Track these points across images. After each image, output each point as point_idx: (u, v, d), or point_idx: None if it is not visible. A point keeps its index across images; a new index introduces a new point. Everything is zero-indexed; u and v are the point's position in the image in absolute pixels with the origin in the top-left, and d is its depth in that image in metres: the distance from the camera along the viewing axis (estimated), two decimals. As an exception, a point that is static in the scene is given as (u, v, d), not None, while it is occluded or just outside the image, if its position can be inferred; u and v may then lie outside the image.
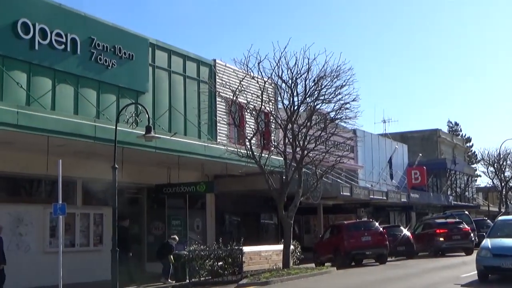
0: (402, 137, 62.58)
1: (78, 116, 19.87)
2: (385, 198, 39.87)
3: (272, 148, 25.62)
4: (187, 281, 20.92)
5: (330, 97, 24.37)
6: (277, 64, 23.31)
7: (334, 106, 24.72)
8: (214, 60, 28.57)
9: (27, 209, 20.47)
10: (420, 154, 57.23)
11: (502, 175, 61.96)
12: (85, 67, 21.80)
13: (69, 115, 19.32)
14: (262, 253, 23.49)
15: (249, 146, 22.79)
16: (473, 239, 32.92)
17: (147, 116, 19.14)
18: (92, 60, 22.05)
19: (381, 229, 29.14)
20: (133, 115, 21.88)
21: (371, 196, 37.63)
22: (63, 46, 20.93)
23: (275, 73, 23.58)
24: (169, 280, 21.07)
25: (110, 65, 22.72)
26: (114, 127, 18.18)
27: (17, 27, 19.45)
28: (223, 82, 24.82)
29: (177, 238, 22.26)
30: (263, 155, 23.39)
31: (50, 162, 17.58)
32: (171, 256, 21.01)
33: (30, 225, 20.46)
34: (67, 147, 18.87)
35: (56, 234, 17.51)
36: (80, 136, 18.23)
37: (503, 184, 62.19)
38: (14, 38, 19.40)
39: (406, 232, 33.28)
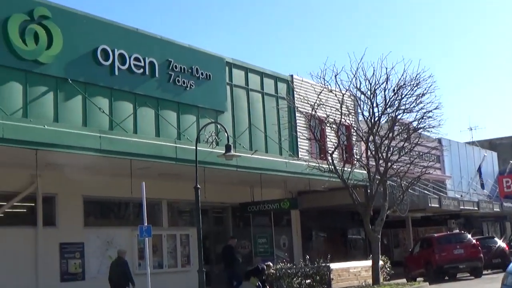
0: (490, 144, 60.40)
1: (159, 138, 20.13)
2: (476, 208, 38.36)
3: (355, 162, 25.12)
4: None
5: (411, 106, 23.60)
6: (354, 76, 22.86)
7: (416, 115, 23.94)
8: (291, 76, 28.43)
9: (115, 232, 20.81)
10: (511, 161, 55.05)
11: None
12: (164, 90, 22.08)
13: (150, 138, 19.58)
14: (350, 270, 22.99)
15: (330, 161, 22.41)
16: None
17: (226, 135, 19.17)
18: (171, 82, 22.33)
19: (474, 241, 28.04)
20: (212, 134, 21.93)
21: (462, 207, 36.30)
22: (141, 70, 21.28)
23: (353, 84, 23.14)
24: None
25: (189, 86, 22.94)
26: (195, 148, 18.23)
27: (97, 54, 19.89)
28: (301, 96, 24.61)
29: (271, 265, 21.72)
30: (345, 169, 22.92)
31: (134, 184, 17.76)
32: (254, 278, 20.87)
33: (120, 248, 20.74)
34: (150, 170, 19.06)
35: (144, 256, 17.61)
36: (161, 158, 18.40)
37: None
38: (94, 64, 19.84)
39: (501, 243, 31.82)
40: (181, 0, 72.86)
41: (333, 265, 21.48)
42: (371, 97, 23.40)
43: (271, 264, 21.77)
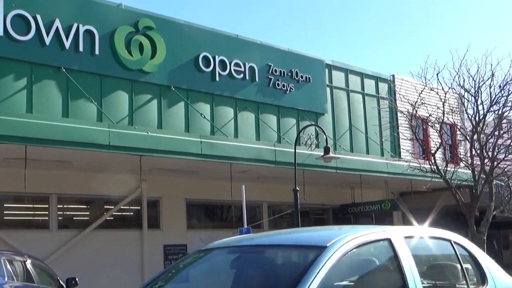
0: None
1: (259, 142, 20.25)
2: None
3: (459, 161, 24.26)
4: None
5: (519, 102, 22.53)
6: (457, 73, 22.05)
7: (525, 111, 22.81)
8: (392, 76, 27.81)
9: (217, 234, 20.98)
10: None
11: None
12: (264, 94, 22.23)
13: (250, 141, 19.74)
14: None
15: (433, 161, 21.76)
16: None
17: (325, 137, 19.02)
18: (271, 86, 22.43)
19: None
20: (311, 137, 21.83)
21: None
22: (242, 75, 21.52)
23: (456, 82, 22.33)
24: None
25: (288, 89, 22.98)
26: (294, 150, 18.22)
27: (199, 61, 20.31)
28: (401, 96, 24.05)
29: None
30: (449, 169, 22.18)
31: (234, 187, 18.00)
32: None
33: (219, 250, 21.16)
34: (250, 173, 19.24)
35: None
36: (261, 161, 18.51)
37: None
38: (196, 72, 20.25)
39: None
40: (277, 4, 73.02)
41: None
42: (476, 94, 22.45)
43: None
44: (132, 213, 19.39)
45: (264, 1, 73.59)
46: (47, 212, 17.66)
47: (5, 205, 17.12)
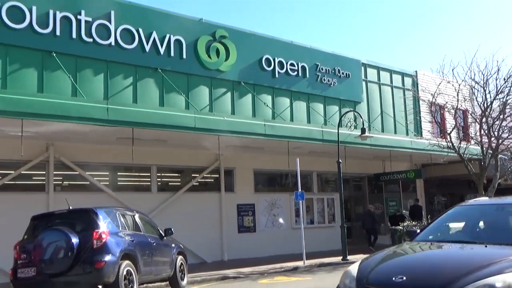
0: None
1: (309, 124, 20.11)
2: None
3: (470, 139, 23.54)
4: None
5: (520, 91, 21.59)
6: (469, 68, 21.33)
7: (525, 99, 21.84)
8: (416, 72, 27.09)
9: (278, 197, 21.22)
10: None
11: None
12: (313, 87, 22.00)
13: (303, 124, 19.62)
14: (466, 228, 21.64)
15: (449, 139, 21.21)
16: None
17: (361, 120, 18.78)
18: (318, 81, 22.19)
19: None
20: (351, 120, 21.55)
21: None
22: (296, 73, 21.34)
23: (468, 76, 21.63)
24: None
25: (332, 83, 22.67)
26: (337, 131, 18.04)
27: (262, 62, 20.25)
28: (422, 87, 23.45)
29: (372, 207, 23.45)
30: (462, 145, 21.53)
31: (290, 160, 17.96)
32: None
33: (281, 208, 21.17)
34: (303, 149, 19.15)
35: (300, 214, 17.80)
36: (311, 139, 18.37)
37: None
38: (260, 70, 20.21)
39: None
40: (323, 14, 72.13)
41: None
42: (484, 85, 21.73)
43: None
44: (212, 180, 19.59)
45: (312, 13, 72.67)
46: (149, 179, 17.97)
47: (118, 173, 17.48)
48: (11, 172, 15.01)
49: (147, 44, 17.14)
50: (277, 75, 20.67)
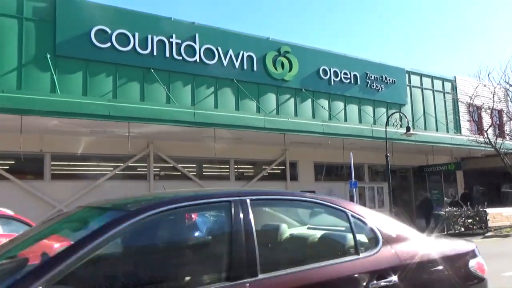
0: None
1: (361, 124, 19.67)
2: None
3: (506, 136, 22.21)
4: (445, 232, 19.15)
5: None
6: (504, 73, 20.32)
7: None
8: (455, 77, 25.87)
9: (334, 185, 20.88)
10: None
11: None
12: (363, 92, 21.53)
13: (354, 124, 19.24)
14: (503, 214, 20.39)
15: (486, 135, 20.10)
16: None
17: (406, 120, 18.16)
18: (368, 87, 21.68)
19: None
20: (397, 120, 20.90)
21: None
22: (348, 80, 20.98)
23: (503, 79, 20.46)
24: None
25: (380, 88, 22.08)
26: (385, 129, 17.56)
27: (320, 72, 20.03)
28: (461, 90, 22.39)
29: (428, 195, 22.06)
30: (497, 141, 20.35)
31: (345, 154, 17.68)
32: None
33: (337, 195, 20.82)
34: (355, 144, 18.78)
35: (353, 200, 17.47)
36: (362, 136, 18.00)
37: None
38: (318, 79, 20.02)
39: None
40: (373, 28, 70.26)
41: (489, 210, 19.23)
42: (518, 88, 20.52)
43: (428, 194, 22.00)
44: (279, 171, 19.61)
45: (363, 26, 71.02)
46: (228, 170, 18.22)
47: (203, 165, 17.83)
48: (121, 164, 15.71)
49: (225, 59, 17.42)
50: (332, 83, 20.40)
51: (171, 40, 16.29)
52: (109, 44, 15.09)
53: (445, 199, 24.06)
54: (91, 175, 15.18)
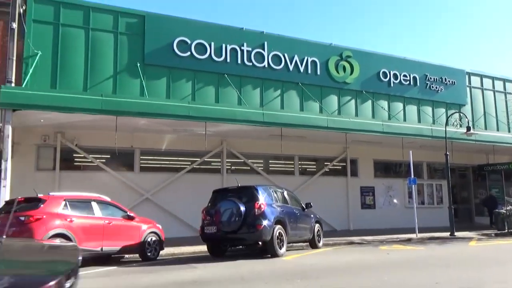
0: None
1: (420, 124, 18.67)
2: None
3: None
4: (506, 230, 17.68)
5: None
6: None
7: None
8: (516, 77, 23.86)
9: (393, 181, 20.11)
10: None
11: None
12: (422, 93, 20.45)
13: (413, 123, 18.33)
14: None
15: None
16: None
17: (466, 119, 16.97)
18: (427, 88, 20.56)
19: None
20: (456, 120, 19.62)
21: None
22: (408, 82, 20.02)
23: None
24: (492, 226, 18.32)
25: (439, 90, 20.85)
26: (444, 129, 16.56)
27: (380, 74, 19.32)
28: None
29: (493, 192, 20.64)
30: None
31: (404, 152, 16.88)
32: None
33: (396, 191, 20.04)
34: (414, 143, 17.87)
35: (412, 196, 16.66)
36: (422, 136, 17.09)
37: None
38: (378, 81, 19.29)
39: None
40: (432, 30, 66.51)
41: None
42: None
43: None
44: (340, 167, 19.19)
45: (424, 29, 67.65)
46: (293, 165, 18.09)
47: (269, 161, 17.80)
48: (198, 159, 16.13)
49: (291, 64, 17.30)
50: (392, 85, 19.58)
51: (242, 48, 16.46)
52: (188, 53, 15.54)
53: (506, 198, 22.25)
54: (173, 168, 15.75)
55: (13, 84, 11.83)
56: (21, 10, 12.55)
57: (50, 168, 13.97)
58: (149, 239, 10.17)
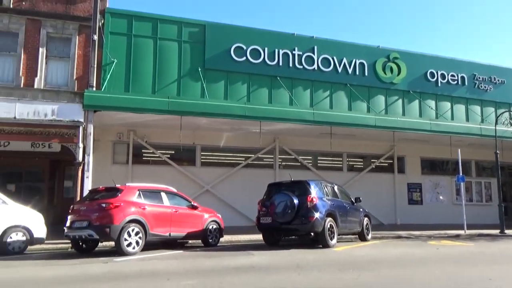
0: None
1: (468, 122, 17.55)
2: None
3: None
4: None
5: None
6: None
7: None
8: None
9: (440, 179, 19.08)
10: None
11: None
12: (471, 93, 19.19)
13: (462, 122, 17.26)
14: None
15: None
16: None
17: (519, 118, 15.73)
18: (475, 87, 19.27)
19: None
20: (507, 119, 18.22)
21: None
22: (455, 82, 18.88)
23: None
24: None
25: (488, 89, 19.47)
26: (494, 128, 15.43)
27: (427, 74, 18.38)
28: None
29: None
30: None
31: (452, 151, 15.98)
32: None
33: (443, 188, 18.99)
34: (463, 142, 16.84)
35: (460, 193, 15.70)
36: (471, 134, 16.07)
37: None
38: (425, 81, 18.36)
39: None
40: (485, 28, 62.30)
41: None
42: None
43: None
44: (387, 164, 18.50)
45: (475, 27, 63.64)
46: (341, 162, 17.68)
47: (318, 157, 17.49)
48: (252, 155, 16.22)
49: (339, 67, 16.91)
50: (439, 84, 18.56)
51: (293, 52, 16.32)
52: (244, 58, 15.64)
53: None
54: (230, 163, 15.95)
55: (94, 89, 12.52)
56: (100, 24, 13.23)
57: (124, 162, 14.65)
58: (210, 227, 10.34)
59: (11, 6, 12.63)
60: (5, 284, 5.71)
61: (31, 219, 9.03)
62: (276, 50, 16.07)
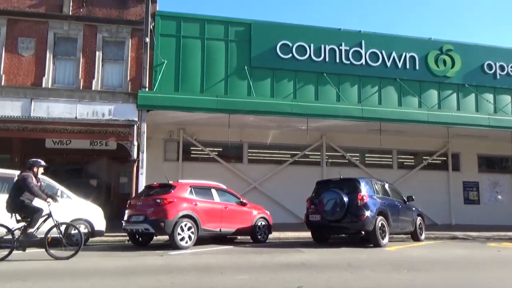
0: None
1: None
2: None
3: None
4: None
5: None
6: None
7: None
8: None
9: (499, 177, 17.87)
10: None
11: None
12: (534, 84, 17.77)
13: (525, 116, 16.03)
14: None
15: None
16: None
17: None
18: (539, 79, 17.81)
19: None
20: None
21: None
22: None
23: None
24: None
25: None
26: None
27: (484, 67, 17.25)
28: None
29: None
30: None
31: (513, 147, 14.91)
32: None
33: (503, 187, 17.77)
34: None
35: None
36: (478, 125, 14.79)
37: None
38: (482, 74, 17.24)
39: None
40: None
41: None
42: None
43: None
44: (440, 161, 17.62)
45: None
46: (391, 159, 17.11)
47: (367, 154, 17.01)
48: (299, 152, 16.10)
49: (388, 61, 16.30)
50: (498, 77, 17.33)
51: (340, 47, 15.96)
52: (290, 55, 15.53)
53: None
54: (277, 160, 15.94)
55: (146, 89, 13.00)
56: (151, 27, 13.70)
57: (174, 159, 15.10)
58: (259, 224, 10.40)
59: (70, 13, 13.41)
60: (72, 272, 6.09)
61: (92, 213, 9.54)
62: (322, 46, 15.79)
